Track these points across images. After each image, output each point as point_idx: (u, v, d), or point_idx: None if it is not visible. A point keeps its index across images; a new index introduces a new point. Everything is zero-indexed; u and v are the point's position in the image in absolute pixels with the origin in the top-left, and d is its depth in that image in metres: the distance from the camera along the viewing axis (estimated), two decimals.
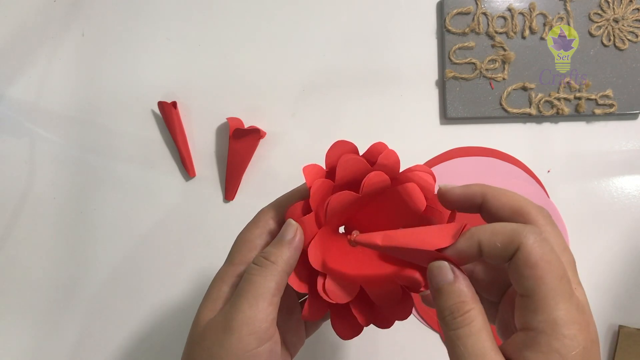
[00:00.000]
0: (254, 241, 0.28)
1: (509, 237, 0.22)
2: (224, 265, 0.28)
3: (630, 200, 0.48)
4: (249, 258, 0.28)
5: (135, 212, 0.50)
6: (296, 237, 0.27)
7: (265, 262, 0.26)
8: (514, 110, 0.48)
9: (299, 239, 0.27)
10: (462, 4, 0.48)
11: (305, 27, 0.50)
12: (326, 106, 0.50)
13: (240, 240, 0.29)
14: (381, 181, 0.28)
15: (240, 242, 0.29)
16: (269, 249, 0.27)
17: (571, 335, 0.21)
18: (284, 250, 0.26)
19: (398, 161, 0.28)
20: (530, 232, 0.22)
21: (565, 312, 0.21)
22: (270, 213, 0.29)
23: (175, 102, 0.49)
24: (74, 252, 0.50)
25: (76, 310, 0.50)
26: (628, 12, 0.48)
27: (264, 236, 0.28)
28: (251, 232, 0.29)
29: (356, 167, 0.27)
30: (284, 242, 0.27)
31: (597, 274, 0.47)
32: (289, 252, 0.27)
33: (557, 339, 0.21)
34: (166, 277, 0.50)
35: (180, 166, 0.50)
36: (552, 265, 0.22)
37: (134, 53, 0.51)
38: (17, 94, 0.52)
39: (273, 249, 0.27)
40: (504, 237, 0.22)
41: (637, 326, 0.46)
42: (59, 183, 0.51)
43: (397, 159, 0.28)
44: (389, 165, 0.28)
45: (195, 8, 0.51)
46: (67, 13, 0.52)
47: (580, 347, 0.21)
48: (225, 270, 0.28)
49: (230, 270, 0.28)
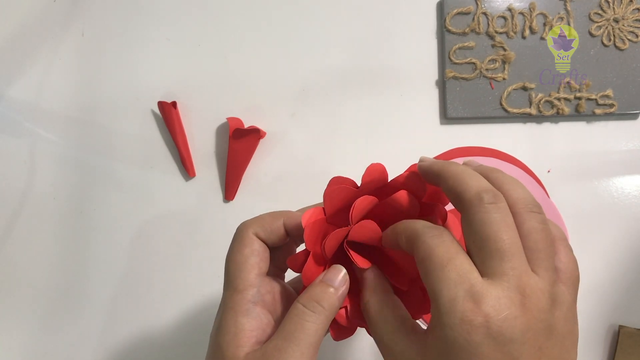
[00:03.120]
0: (248, 261, 0.28)
1: (408, 237, 0.25)
2: (229, 292, 0.27)
3: (630, 200, 0.48)
4: (252, 280, 0.27)
5: (135, 212, 0.50)
6: (345, 285, 0.27)
7: (318, 307, 0.26)
8: (514, 110, 0.48)
9: (347, 286, 0.27)
10: (462, 4, 0.48)
11: (305, 27, 0.50)
12: (326, 106, 0.50)
13: (234, 262, 0.28)
14: (369, 203, 0.28)
15: (235, 265, 0.28)
16: (319, 294, 0.26)
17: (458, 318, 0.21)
18: (335, 299, 0.26)
19: (383, 171, 0.28)
20: (421, 234, 0.24)
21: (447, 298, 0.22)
22: (252, 229, 0.28)
23: (175, 102, 0.49)
24: (74, 252, 0.50)
25: (76, 310, 0.50)
26: (628, 12, 0.48)
27: (255, 254, 0.28)
28: (241, 253, 0.28)
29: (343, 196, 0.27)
30: (335, 289, 0.27)
31: (597, 273, 0.47)
32: (338, 302, 0.27)
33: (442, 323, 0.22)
34: (166, 276, 0.50)
35: (180, 166, 0.50)
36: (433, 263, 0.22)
37: (134, 53, 0.51)
38: (17, 94, 0.52)
39: (324, 294, 0.26)
40: (406, 236, 0.25)
41: (637, 326, 0.46)
42: (59, 183, 0.51)
43: (381, 169, 0.28)
44: (375, 180, 0.28)
45: (195, 8, 0.51)
46: (67, 13, 0.52)
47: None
48: (233, 298, 0.27)
49: (238, 298, 0.27)
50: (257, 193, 0.49)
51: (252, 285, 0.27)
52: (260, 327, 0.27)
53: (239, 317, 0.26)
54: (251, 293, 0.27)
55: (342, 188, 0.27)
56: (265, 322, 0.27)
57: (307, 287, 0.27)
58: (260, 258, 0.28)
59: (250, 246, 0.28)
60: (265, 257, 0.28)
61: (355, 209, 0.27)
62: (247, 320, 0.26)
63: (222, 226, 0.49)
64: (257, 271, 0.28)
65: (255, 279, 0.27)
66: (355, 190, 0.28)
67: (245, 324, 0.26)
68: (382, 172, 0.28)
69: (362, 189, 0.28)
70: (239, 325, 0.26)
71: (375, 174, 0.28)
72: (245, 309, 0.27)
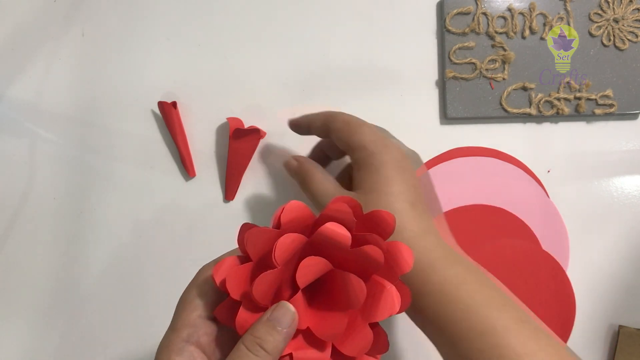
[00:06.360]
0: (193, 302, 0.28)
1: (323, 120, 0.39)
2: (167, 332, 0.28)
3: (630, 200, 0.48)
4: (191, 320, 0.27)
5: (135, 212, 0.50)
6: (293, 326, 0.26)
7: (261, 352, 0.25)
8: (514, 110, 0.48)
9: (295, 327, 0.26)
10: (462, 4, 0.48)
11: (306, 26, 0.50)
12: (326, 106, 0.50)
13: (181, 301, 0.28)
14: (294, 241, 0.26)
15: (180, 305, 0.28)
16: (264, 334, 0.25)
17: (381, 152, 0.35)
18: (280, 340, 0.25)
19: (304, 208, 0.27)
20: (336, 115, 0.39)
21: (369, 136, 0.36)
22: (210, 271, 0.28)
23: (175, 102, 0.49)
24: (74, 252, 0.50)
25: (76, 311, 0.50)
26: (628, 12, 0.48)
27: (203, 296, 0.28)
28: (190, 293, 0.28)
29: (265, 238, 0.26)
30: (281, 331, 0.25)
31: (597, 273, 0.47)
32: (284, 343, 0.25)
33: (371, 156, 0.35)
34: (166, 277, 0.50)
35: (180, 166, 0.50)
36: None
37: (134, 53, 0.51)
38: (17, 94, 0.52)
39: (269, 336, 0.25)
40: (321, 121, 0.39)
41: (637, 326, 0.46)
42: (59, 183, 0.51)
43: (301, 206, 0.27)
44: (297, 218, 0.27)
45: (195, 8, 0.51)
46: (67, 13, 0.52)
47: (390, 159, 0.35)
48: (170, 338, 0.27)
49: (173, 337, 0.27)
50: (257, 193, 0.49)
51: (189, 325, 0.27)
52: None
53: (172, 356, 0.26)
54: (186, 332, 0.27)
55: (264, 230, 0.26)
56: None
57: (253, 324, 0.26)
58: (208, 301, 0.28)
59: (201, 287, 0.28)
60: (215, 300, 0.28)
61: (278, 248, 0.26)
62: (179, 359, 0.26)
63: (222, 226, 0.49)
64: (199, 312, 0.27)
65: (195, 320, 0.27)
66: (277, 231, 0.26)
67: None
68: (302, 209, 0.27)
69: (285, 230, 0.27)
70: None
71: (294, 212, 0.27)
72: (178, 348, 0.26)
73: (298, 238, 0.27)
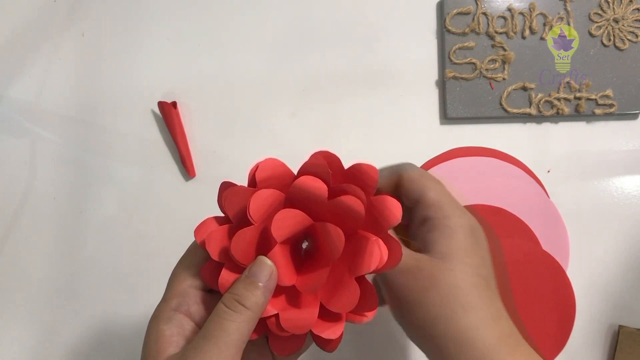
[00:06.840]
0: (183, 272, 0.28)
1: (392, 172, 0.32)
2: (159, 303, 0.28)
3: (630, 200, 0.48)
4: (180, 289, 0.27)
5: (135, 212, 0.50)
6: (271, 280, 0.25)
7: (239, 307, 0.25)
8: (514, 110, 0.48)
9: (274, 282, 0.26)
10: (462, 4, 0.48)
11: (306, 27, 0.50)
12: (326, 106, 0.50)
13: (172, 274, 0.29)
14: (269, 197, 0.26)
15: (171, 277, 0.28)
16: (242, 291, 0.25)
17: (457, 215, 0.30)
18: (259, 295, 0.25)
19: (280, 164, 0.26)
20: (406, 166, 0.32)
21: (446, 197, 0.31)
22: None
23: (175, 102, 0.49)
24: (74, 252, 0.50)
25: (76, 310, 0.50)
26: (628, 12, 0.48)
27: (192, 267, 0.28)
28: (180, 265, 0.28)
29: (242, 196, 0.26)
30: (258, 285, 0.25)
31: (597, 273, 0.47)
32: (263, 298, 0.25)
33: (447, 219, 0.30)
34: (166, 277, 0.49)
35: (180, 166, 0.50)
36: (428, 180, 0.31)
37: (134, 53, 0.51)
38: (17, 94, 0.52)
39: (247, 292, 0.25)
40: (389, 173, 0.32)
41: (637, 326, 0.46)
42: (59, 183, 0.51)
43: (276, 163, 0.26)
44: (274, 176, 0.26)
45: (195, 8, 0.51)
46: (67, 13, 0.52)
47: (467, 224, 0.30)
48: (160, 308, 0.27)
49: (163, 307, 0.27)
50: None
51: (178, 295, 0.27)
52: (182, 333, 0.27)
53: (160, 324, 0.27)
54: (175, 302, 0.27)
55: (241, 188, 0.26)
56: (188, 329, 0.27)
57: (233, 282, 0.26)
58: (198, 271, 0.28)
59: (191, 259, 0.28)
60: None
61: (253, 203, 0.25)
62: (168, 327, 0.26)
63: None
64: (189, 282, 0.27)
65: (185, 290, 0.27)
66: (254, 189, 0.26)
67: (165, 330, 0.26)
68: (278, 166, 0.26)
69: (261, 187, 0.26)
70: (160, 332, 0.26)
71: (269, 169, 0.26)
72: (167, 317, 0.27)
73: (274, 194, 0.26)
